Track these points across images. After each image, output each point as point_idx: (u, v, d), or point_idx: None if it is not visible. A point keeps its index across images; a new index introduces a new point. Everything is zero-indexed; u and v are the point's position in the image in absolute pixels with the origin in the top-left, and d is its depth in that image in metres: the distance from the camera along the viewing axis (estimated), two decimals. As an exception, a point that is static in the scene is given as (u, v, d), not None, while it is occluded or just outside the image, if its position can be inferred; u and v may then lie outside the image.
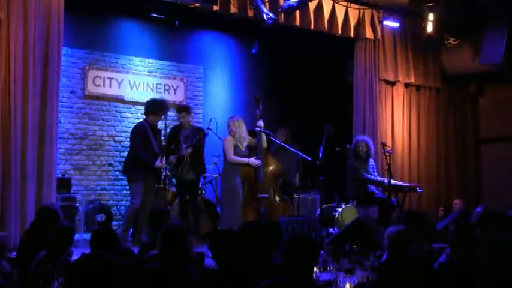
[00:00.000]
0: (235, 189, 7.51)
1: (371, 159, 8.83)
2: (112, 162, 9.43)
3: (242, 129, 7.68)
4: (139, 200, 7.39)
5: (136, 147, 7.47)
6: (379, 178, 8.65)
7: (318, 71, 10.85)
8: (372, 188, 8.69)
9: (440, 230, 6.35)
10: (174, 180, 8.42)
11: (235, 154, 7.56)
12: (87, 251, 4.08)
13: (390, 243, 4.35)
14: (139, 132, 7.50)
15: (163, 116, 7.69)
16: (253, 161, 7.60)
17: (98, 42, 9.39)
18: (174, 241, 3.75)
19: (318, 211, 8.95)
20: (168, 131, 7.89)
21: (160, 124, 7.93)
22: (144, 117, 7.73)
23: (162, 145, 7.64)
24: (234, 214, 7.37)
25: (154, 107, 7.60)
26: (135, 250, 5.05)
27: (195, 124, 8.42)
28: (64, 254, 4.39)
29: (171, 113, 8.78)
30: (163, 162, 7.52)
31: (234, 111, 9.81)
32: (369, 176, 8.61)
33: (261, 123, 7.73)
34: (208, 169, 8.72)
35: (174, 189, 8.73)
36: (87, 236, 6.39)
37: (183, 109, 8.06)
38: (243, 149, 7.65)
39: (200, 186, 8.51)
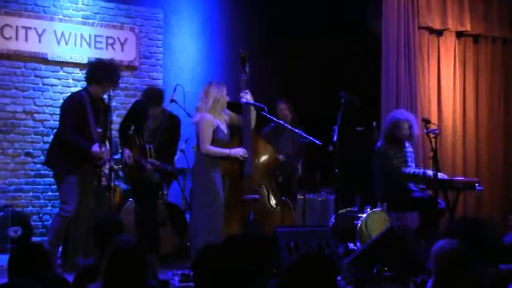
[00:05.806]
0: (213, 189, 7.47)
1: (407, 143, 8.85)
2: (31, 151, 9.40)
3: (224, 100, 7.58)
4: (73, 206, 7.40)
5: (64, 125, 7.47)
6: (419, 170, 8.67)
7: (330, 16, 10.82)
8: (410, 185, 8.73)
9: (510, 246, 6.40)
10: (121, 173, 8.45)
11: (215, 141, 7.38)
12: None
13: (438, 265, 4.38)
14: (73, 106, 7.48)
15: (111, 88, 7.63)
16: (236, 151, 7.52)
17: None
18: (127, 267, 3.73)
19: (332, 218, 8.99)
20: (128, 105, 7.88)
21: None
22: (85, 85, 7.69)
23: (107, 128, 7.54)
24: (211, 224, 7.37)
25: (99, 73, 7.55)
26: (69, 278, 5.06)
27: (165, 107, 8.31)
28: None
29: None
30: (105, 150, 7.46)
31: (209, 76, 9.79)
32: (409, 169, 8.60)
33: (247, 93, 7.67)
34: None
35: (122, 186, 8.73)
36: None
37: (153, 98, 8.04)
38: (226, 132, 7.56)
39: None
